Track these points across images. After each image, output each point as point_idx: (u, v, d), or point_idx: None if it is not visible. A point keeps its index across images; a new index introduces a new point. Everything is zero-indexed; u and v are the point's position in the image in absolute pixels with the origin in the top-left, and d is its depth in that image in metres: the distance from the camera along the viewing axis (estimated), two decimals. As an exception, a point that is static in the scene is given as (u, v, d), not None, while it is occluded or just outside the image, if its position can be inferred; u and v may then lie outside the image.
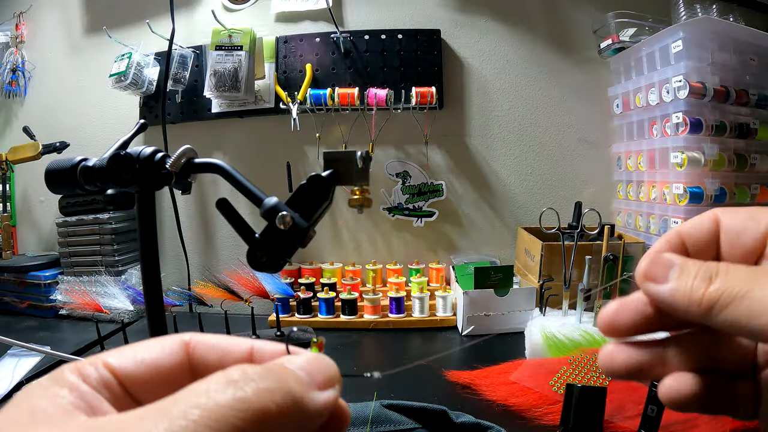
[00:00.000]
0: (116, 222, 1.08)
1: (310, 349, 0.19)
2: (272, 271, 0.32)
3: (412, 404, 0.56)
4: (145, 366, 0.17)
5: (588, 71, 1.13)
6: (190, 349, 0.19)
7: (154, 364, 0.18)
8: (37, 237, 1.32)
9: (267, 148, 1.18)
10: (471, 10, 1.13)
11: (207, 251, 1.22)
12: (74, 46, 1.27)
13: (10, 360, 0.81)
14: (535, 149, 1.15)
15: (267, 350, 0.20)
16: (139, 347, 0.18)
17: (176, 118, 1.18)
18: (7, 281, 1.13)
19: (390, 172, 1.14)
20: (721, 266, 0.20)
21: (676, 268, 0.21)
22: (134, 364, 0.17)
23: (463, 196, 1.15)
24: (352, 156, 0.32)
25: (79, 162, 0.42)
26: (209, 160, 0.39)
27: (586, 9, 1.11)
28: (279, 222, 0.30)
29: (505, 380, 0.67)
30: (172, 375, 0.18)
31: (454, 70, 1.13)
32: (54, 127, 1.26)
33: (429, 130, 1.10)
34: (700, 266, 0.20)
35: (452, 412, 0.55)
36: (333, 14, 1.09)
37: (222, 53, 1.07)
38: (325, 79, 1.12)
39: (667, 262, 0.21)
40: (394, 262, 1.13)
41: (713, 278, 0.20)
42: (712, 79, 0.88)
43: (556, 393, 0.62)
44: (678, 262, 0.21)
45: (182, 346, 0.19)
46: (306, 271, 1.11)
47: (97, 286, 0.89)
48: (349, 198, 0.47)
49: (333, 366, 0.17)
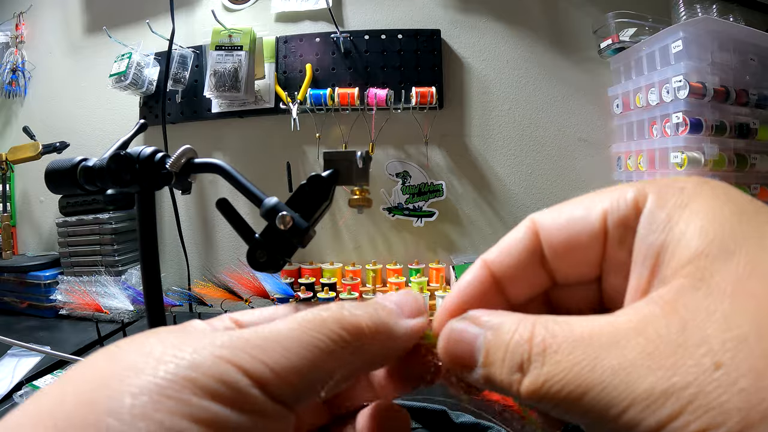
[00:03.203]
0: (116, 222, 1.08)
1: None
2: (272, 271, 0.32)
3: (412, 404, 0.56)
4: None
5: (588, 71, 1.13)
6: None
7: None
8: (37, 237, 1.32)
9: (267, 148, 1.18)
10: (471, 10, 1.13)
11: (207, 251, 1.22)
12: (74, 46, 1.26)
13: (10, 360, 0.81)
14: (535, 149, 1.15)
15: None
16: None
17: (176, 118, 1.18)
18: (7, 281, 1.13)
19: (390, 172, 1.14)
20: (538, 339, 0.14)
21: (481, 351, 0.16)
22: (258, 320, 0.19)
23: (463, 196, 1.15)
24: (352, 156, 0.32)
25: (79, 162, 0.42)
26: (209, 160, 0.39)
27: (586, 9, 1.11)
28: (279, 222, 0.30)
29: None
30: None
31: (454, 70, 1.13)
32: (54, 127, 1.26)
33: (429, 130, 1.10)
34: (506, 347, 0.15)
35: (452, 412, 0.55)
36: (333, 14, 1.09)
37: (222, 53, 1.07)
38: (325, 79, 1.12)
39: (469, 337, 0.16)
40: (394, 262, 1.13)
41: (525, 366, 0.14)
42: (712, 79, 0.88)
43: (556, 393, 0.62)
44: (479, 340, 0.16)
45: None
46: (306, 271, 1.11)
47: (97, 286, 0.89)
48: (349, 198, 0.47)
49: (420, 300, 0.19)
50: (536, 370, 0.14)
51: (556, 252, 0.17)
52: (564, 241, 0.17)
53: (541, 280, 0.18)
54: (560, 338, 0.14)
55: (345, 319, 0.16)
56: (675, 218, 0.14)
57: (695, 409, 0.11)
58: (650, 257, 0.15)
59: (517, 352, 0.15)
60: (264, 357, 0.14)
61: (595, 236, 0.16)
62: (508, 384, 0.15)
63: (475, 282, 0.18)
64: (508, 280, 0.18)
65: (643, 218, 0.15)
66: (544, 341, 0.14)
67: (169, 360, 0.13)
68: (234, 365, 0.14)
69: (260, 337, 0.15)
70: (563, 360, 0.14)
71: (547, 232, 0.17)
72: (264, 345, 0.14)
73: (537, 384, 0.14)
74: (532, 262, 0.18)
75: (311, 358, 0.15)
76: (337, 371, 0.15)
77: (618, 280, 0.16)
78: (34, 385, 0.65)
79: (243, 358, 0.14)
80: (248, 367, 0.14)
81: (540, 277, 0.18)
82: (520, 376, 0.14)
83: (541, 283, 0.18)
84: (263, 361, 0.14)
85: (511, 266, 0.18)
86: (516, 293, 0.18)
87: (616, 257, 0.16)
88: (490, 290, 0.18)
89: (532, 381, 0.14)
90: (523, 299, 0.19)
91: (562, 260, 0.17)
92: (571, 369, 0.13)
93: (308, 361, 0.15)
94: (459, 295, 0.19)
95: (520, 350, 0.15)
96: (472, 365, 0.16)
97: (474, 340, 0.16)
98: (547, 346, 0.14)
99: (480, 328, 0.16)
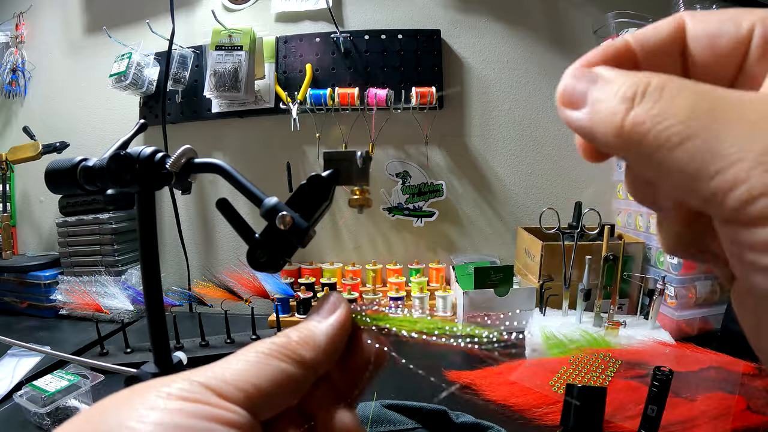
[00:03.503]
0: (116, 222, 1.08)
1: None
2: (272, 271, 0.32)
3: (412, 404, 0.56)
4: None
5: (588, 71, 1.13)
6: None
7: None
8: (37, 237, 1.32)
9: (267, 148, 1.18)
10: (471, 10, 1.13)
11: (207, 251, 1.22)
12: (74, 46, 1.26)
13: (10, 360, 0.81)
14: (535, 149, 1.15)
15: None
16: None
17: (176, 118, 1.18)
18: (7, 281, 1.13)
19: (390, 172, 1.14)
20: (657, 79, 0.14)
21: (598, 85, 0.15)
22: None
23: (463, 196, 1.15)
24: (352, 156, 0.32)
25: (79, 162, 0.42)
26: (209, 160, 0.39)
27: (586, 9, 1.11)
28: (279, 222, 0.30)
29: (505, 380, 0.67)
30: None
31: (454, 70, 1.13)
32: (54, 127, 1.26)
33: (429, 130, 1.10)
34: (626, 79, 0.15)
35: (452, 412, 0.55)
36: (333, 14, 1.09)
37: (222, 53, 1.07)
38: (325, 79, 1.12)
39: (590, 76, 0.16)
40: (394, 262, 1.13)
41: (637, 98, 0.14)
42: (712, 79, 0.88)
43: (556, 393, 0.62)
44: (604, 76, 0.16)
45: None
46: (306, 271, 1.11)
47: (97, 286, 0.89)
48: (349, 198, 0.47)
49: (333, 298, 0.23)
50: (648, 104, 0.13)
51: (698, 47, 0.17)
52: (710, 39, 0.16)
53: (676, 72, 0.17)
54: (683, 85, 0.14)
55: (279, 339, 0.20)
56: None
57: None
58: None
59: (632, 84, 0.14)
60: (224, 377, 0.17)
61: (739, 43, 0.16)
62: (611, 114, 0.14)
63: (612, 49, 0.17)
64: (646, 58, 0.17)
65: None
66: (665, 82, 0.14)
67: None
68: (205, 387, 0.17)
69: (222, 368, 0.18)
70: (681, 101, 0.13)
71: (695, 27, 0.17)
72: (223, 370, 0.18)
73: (644, 116, 0.13)
74: (672, 50, 0.17)
75: (258, 372, 0.18)
76: (287, 377, 0.18)
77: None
78: (34, 385, 0.65)
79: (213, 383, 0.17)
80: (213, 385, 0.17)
81: (676, 70, 0.17)
82: (628, 106, 0.14)
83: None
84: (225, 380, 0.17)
85: (652, 44, 0.17)
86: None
87: (752, 72, 0.16)
88: (625, 62, 0.17)
89: (640, 113, 0.13)
90: None
91: (704, 59, 0.17)
92: (688, 110, 0.13)
93: (259, 375, 0.18)
94: (593, 55, 0.18)
95: (637, 82, 0.14)
96: (579, 103, 0.16)
97: (593, 79, 0.16)
98: (667, 85, 0.14)
99: (604, 70, 0.16)
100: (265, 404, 0.18)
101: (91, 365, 0.66)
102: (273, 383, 0.18)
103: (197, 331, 0.85)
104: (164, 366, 0.44)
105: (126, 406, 0.16)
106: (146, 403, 0.16)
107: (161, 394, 0.16)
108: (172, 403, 0.16)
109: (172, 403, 0.16)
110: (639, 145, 0.13)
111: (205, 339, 0.86)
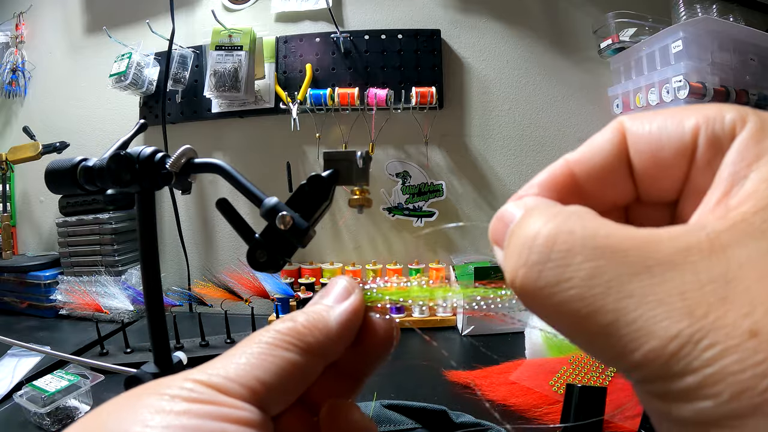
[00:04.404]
0: (116, 222, 1.08)
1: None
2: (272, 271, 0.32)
3: (412, 404, 0.56)
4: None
5: (588, 71, 1.13)
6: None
7: None
8: (37, 237, 1.32)
9: (267, 148, 1.18)
10: (471, 10, 1.13)
11: (207, 251, 1.22)
12: (74, 46, 1.26)
13: (10, 360, 0.81)
14: (535, 149, 1.15)
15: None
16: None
17: (176, 118, 1.18)
18: (7, 281, 1.13)
19: (390, 172, 1.14)
20: (541, 232, 0.13)
21: (510, 229, 0.15)
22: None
23: (463, 196, 1.15)
24: (352, 156, 0.32)
25: (79, 162, 0.42)
26: (209, 160, 0.39)
27: (586, 9, 1.11)
28: (279, 222, 0.30)
29: (505, 380, 0.67)
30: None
31: (454, 70, 1.13)
32: (54, 127, 1.26)
33: (429, 130, 1.10)
34: (527, 229, 0.14)
35: (452, 412, 0.55)
36: (333, 14, 1.09)
37: (222, 53, 1.07)
38: (325, 79, 1.12)
39: (508, 215, 0.16)
40: (394, 262, 1.13)
41: (526, 255, 0.13)
42: (712, 79, 0.88)
43: (556, 393, 0.62)
44: (515, 218, 0.15)
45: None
46: (306, 271, 1.11)
47: (97, 286, 0.89)
48: (349, 198, 0.47)
49: (344, 282, 0.21)
50: (537, 266, 0.13)
51: (642, 160, 0.15)
52: (652, 150, 0.15)
53: (623, 189, 0.16)
54: (578, 238, 0.12)
55: (284, 325, 0.18)
56: (767, 158, 0.13)
57: (715, 373, 0.10)
58: (725, 190, 0.13)
59: (526, 240, 0.13)
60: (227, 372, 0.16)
61: (683, 152, 0.14)
62: (510, 272, 0.14)
63: (551, 181, 0.17)
64: (589, 182, 0.16)
65: (735, 146, 0.14)
66: (555, 236, 0.13)
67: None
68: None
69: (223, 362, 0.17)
70: (573, 266, 0.12)
71: (635, 137, 0.16)
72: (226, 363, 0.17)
73: (530, 284, 0.13)
74: (616, 166, 0.16)
75: (262, 364, 0.17)
76: (294, 367, 0.17)
77: (693, 208, 0.15)
78: (34, 385, 0.65)
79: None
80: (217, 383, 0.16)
81: (623, 186, 0.16)
82: (522, 269, 0.13)
83: (624, 194, 0.17)
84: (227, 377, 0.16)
85: (594, 167, 0.16)
86: (596, 198, 0.17)
87: (698, 180, 0.15)
88: (567, 190, 0.17)
89: (525, 277, 0.13)
90: (602, 207, 0.17)
91: (647, 171, 0.15)
92: (582, 280, 0.12)
93: (268, 368, 0.17)
94: (530, 186, 0.17)
95: (529, 239, 0.13)
96: (500, 244, 0.15)
97: (510, 219, 0.15)
98: (557, 244, 0.12)
99: (521, 210, 0.15)
100: (273, 399, 0.17)
101: (91, 365, 0.66)
102: (279, 376, 0.17)
103: (197, 331, 0.85)
104: (164, 366, 0.44)
105: (127, 411, 0.15)
106: (149, 406, 0.15)
107: (164, 396, 0.15)
108: (177, 405, 0.15)
109: (177, 405, 0.15)
110: (539, 310, 0.13)
111: (205, 339, 0.86)
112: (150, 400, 0.15)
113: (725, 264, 0.11)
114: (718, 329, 0.10)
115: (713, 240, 0.12)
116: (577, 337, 0.12)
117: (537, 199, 0.16)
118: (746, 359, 0.10)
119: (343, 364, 0.20)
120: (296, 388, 0.18)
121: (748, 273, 0.11)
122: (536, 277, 0.13)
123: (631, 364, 0.11)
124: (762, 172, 0.13)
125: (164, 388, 0.15)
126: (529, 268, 0.13)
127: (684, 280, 0.11)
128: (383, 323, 0.21)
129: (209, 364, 0.17)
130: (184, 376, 0.16)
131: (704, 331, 0.10)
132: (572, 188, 0.17)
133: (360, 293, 0.21)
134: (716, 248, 0.12)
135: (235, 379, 0.16)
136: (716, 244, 0.12)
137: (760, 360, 0.10)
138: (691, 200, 0.15)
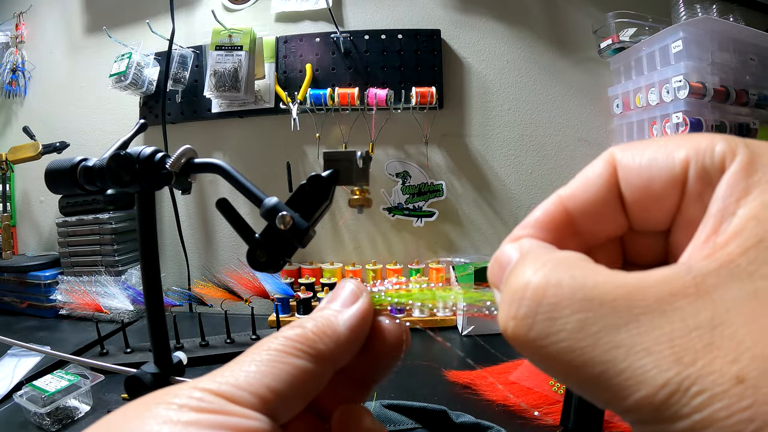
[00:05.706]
0: (116, 222, 1.08)
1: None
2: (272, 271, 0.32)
3: (412, 404, 0.56)
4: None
5: (588, 71, 1.13)
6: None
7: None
8: (37, 237, 1.32)
9: (267, 148, 1.18)
10: (471, 10, 1.13)
11: (207, 251, 1.22)
12: (74, 46, 1.27)
13: (10, 360, 0.81)
14: (535, 149, 1.15)
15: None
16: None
17: (176, 118, 1.18)
18: (7, 281, 1.13)
19: (390, 172, 1.14)
20: (531, 285, 0.13)
21: (504, 275, 0.15)
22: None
23: (463, 196, 1.15)
24: (352, 156, 0.32)
25: (79, 162, 0.42)
26: (209, 160, 0.39)
27: (586, 9, 1.11)
28: (279, 222, 0.30)
29: (505, 380, 0.67)
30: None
31: (454, 70, 1.13)
32: (54, 127, 1.26)
33: (429, 130, 1.10)
34: (518, 279, 0.14)
35: (452, 412, 0.55)
36: (333, 14, 1.09)
37: (222, 53, 1.07)
38: (325, 79, 1.12)
39: (505, 258, 0.16)
40: (394, 262, 1.13)
41: (516, 308, 0.13)
42: (712, 79, 0.88)
43: (556, 393, 0.62)
44: (513, 260, 0.15)
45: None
46: (306, 271, 1.11)
47: (97, 286, 0.89)
48: (349, 198, 0.47)
49: (352, 285, 0.21)
50: (527, 320, 0.13)
51: (632, 192, 0.16)
52: (643, 182, 0.15)
53: (617, 222, 0.17)
54: (566, 290, 0.13)
55: (293, 332, 0.18)
56: (755, 194, 0.13)
57: (704, 419, 0.10)
58: (713, 226, 0.13)
59: (516, 292, 0.14)
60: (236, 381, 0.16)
61: (673, 184, 0.15)
62: (502, 322, 0.14)
63: (545, 220, 0.17)
64: (583, 216, 0.17)
65: (724, 180, 0.13)
66: (544, 289, 0.13)
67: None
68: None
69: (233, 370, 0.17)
70: (562, 319, 0.12)
71: (626, 169, 0.16)
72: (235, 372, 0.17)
73: (521, 336, 0.13)
74: (609, 199, 0.16)
75: (272, 372, 0.16)
76: (304, 375, 0.17)
77: (686, 238, 0.15)
78: (34, 385, 0.65)
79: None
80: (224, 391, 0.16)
81: (616, 219, 0.17)
82: (512, 321, 0.13)
83: (617, 225, 0.17)
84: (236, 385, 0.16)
85: (587, 201, 0.16)
86: (591, 233, 0.17)
87: (690, 212, 0.15)
88: (563, 228, 0.17)
89: (516, 329, 0.13)
90: (598, 240, 0.17)
91: (638, 203, 0.16)
92: (570, 333, 0.12)
93: (279, 376, 0.16)
94: (525, 224, 0.17)
95: (519, 290, 0.13)
96: (498, 287, 0.16)
97: (507, 262, 0.16)
98: (545, 297, 0.13)
99: (517, 253, 0.16)
100: (283, 407, 0.16)
101: (91, 365, 0.66)
102: (289, 383, 0.16)
103: (197, 331, 0.85)
104: (164, 366, 0.44)
105: (135, 421, 0.15)
106: (157, 416, 0.14)
107: (172, 406, 0.15)
108: (185, 415, 0.14)
109: (185, 414, 0.14)
110: (532, 358, 0.13)
111: (205, 339, 0.86)
112: (158, 410, 0.15)
113: (712, 308, 0.11)
114: (705, 376, 0.11)
115: (699, 284, 0.12)
116: (570, 384, 0.13)
117: (531, 242, 0.16)
118: (733, 405, 0.10)
119: (352, 369, 0.20)
120: (306, 396, 0.17)
121: (734, 317, 0.11)
122: (527, 330, 0.13)
123: (624, 409, 0.12)
124: (750, 209, 0.13)
125: (172, 398, 0.15)
126: (519, 321, 0.13)
127: (672, 327, 0.11)
128: (393, 327, 0.21)
129: (218, 372, 0.17)
130: (192, 384, 0.16)
131: (692, 378, 0.11)
132: (567, 225, 0.17)
133: (368, 297, 0.21)
134: (702, 292, 0.12)
135: (244, 388, 0.16)
136: (702, 288, 0.12)
137: (746, 406, 0.10)
138: (683, 231, 0.15)
